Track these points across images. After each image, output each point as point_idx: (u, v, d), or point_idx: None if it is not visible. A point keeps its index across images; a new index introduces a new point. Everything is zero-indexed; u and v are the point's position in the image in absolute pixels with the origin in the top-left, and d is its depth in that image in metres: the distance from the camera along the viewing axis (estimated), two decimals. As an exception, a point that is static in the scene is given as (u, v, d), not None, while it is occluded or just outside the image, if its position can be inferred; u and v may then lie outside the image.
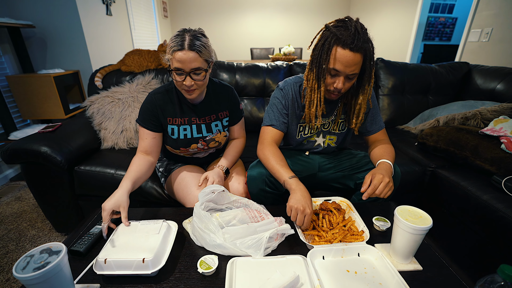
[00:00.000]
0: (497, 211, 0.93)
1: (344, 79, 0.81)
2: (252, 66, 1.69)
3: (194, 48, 0.80)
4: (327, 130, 1.02)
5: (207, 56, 0.85)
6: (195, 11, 5.02)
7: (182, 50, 0.80)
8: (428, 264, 0.64)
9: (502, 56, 2.14)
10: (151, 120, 0.94)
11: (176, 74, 0.84)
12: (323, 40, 0.80)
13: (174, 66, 0.82)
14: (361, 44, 0.74)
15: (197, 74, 0.84)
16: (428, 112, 1.66)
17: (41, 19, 2.01)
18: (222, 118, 1.03)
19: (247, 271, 0.60)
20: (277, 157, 0.88)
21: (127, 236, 0.68)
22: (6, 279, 1.13)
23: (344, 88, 0.83)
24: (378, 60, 1.79)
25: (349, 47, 0.75)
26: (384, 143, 0.96)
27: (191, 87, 0.85)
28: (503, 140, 1.11)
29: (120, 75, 1.60)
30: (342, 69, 0.78)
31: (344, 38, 0.75)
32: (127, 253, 0.61)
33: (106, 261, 0.59)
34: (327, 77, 0.83)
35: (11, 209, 1.62)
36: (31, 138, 1.17)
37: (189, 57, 0.80)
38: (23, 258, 0.47)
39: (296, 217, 0.73)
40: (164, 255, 0.63)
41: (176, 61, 0.81)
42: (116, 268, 0.59)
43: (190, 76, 0.83)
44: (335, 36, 0.76)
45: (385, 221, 0.77)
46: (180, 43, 0.80)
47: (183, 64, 0.81)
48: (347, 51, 0.75)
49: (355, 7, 4.97)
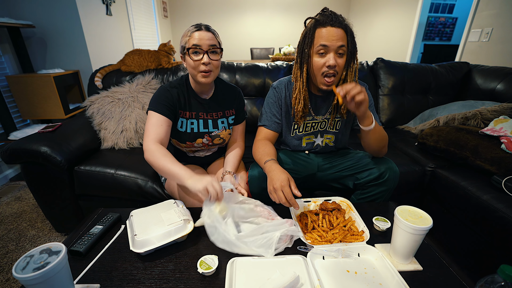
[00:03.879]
0: (497, 211, 0.93)
1: (334, 54, 0.82)
2: (252, 66, 1.69)
3: (210, 30, 0.88)
4: (324, 129, 1.02)
5: (219, 40, 0.91)
6: (195, 11, 5.02)
7: (200, 30, 0.86)
8: (428, 264, 0.64)
9: (502, 56, 2.14)
10: (169, 107, 0.91)
11: (193, 54, 0.87)
12: (304, 32, 0.86)
13: (192, 44, 0.85)
14: (340, 20, 0.81)
15: (213, 53, 0.88)
16: (428, 112, 1.66)
17: (41, 19, 2.01)
18: (228, 116, 1.04)
19: (247, 271, 0.60)
20: (262, 147, 0.91)
21: (146, 219, 0.72)
22: (6, 279, 1.13)
23: (338, 65, 0.83)
24: (378, 60, 1.79)
25: (329, 24, 0.81)
26: None
27: (208, 66, 0.87)
28: (503, 140, 1.11)
29: (120, 75, 1.60)
30: (329, 43, 0.81)
31: (323, 19, 0.82)
32: (158, 227, 0.68)
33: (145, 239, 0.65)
34: (315, 60, 0.84)
35: (11, 209, 1.62)
36: (31, 138, 1.17)
37: (207, 35, 0.86)
38: (23, 258, 0.47)
39: (277, 198, 0.73)
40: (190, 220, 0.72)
41: (194, 39, 0.85)
42: (157, 240, 0.66)
43: (207, 54, 0.86)
44: (315, 21, 0.84)
45: (385, 221, 0.77)
46: (197, 26, 0.87)
47: (201, 41, 0.85)
48: (328, 27, 0.81)
49: (355, 7, 4.97)
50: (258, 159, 0.90)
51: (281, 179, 0.74)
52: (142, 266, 0.64)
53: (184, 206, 0.79)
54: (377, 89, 1.76)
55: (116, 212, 0.83)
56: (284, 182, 0.73)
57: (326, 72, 0.84)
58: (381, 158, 0.96)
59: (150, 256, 0.67)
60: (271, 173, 0.78)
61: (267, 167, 0.82)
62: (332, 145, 1.05)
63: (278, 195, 0.73)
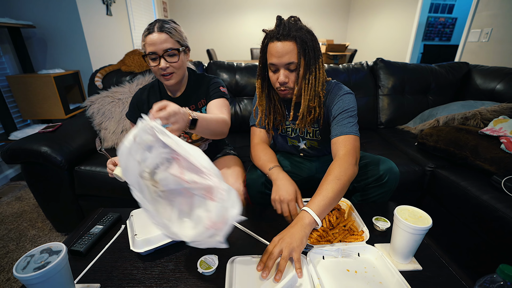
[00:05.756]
0: (497, 211, 0.93)
1: (284, 70, 0.80)
2: (252, 66, 1.69)
3: (164, 30, 0.82)
4: (302, 136, 1.00)
5: (178, 38, 0.86)
6: (195, 11, 5.02)
7: (152, 33, 0.82)
8: (428, 264, 0.64)
9: (502, 56, 2.14)
10: (134, 113, 0.99)
11: (150, 60, 0.85)
12: (261, 44, 0.84)
13: (147, 51, 0.84)
14: (287, 32, 0.75)
15: (171, 55, 0.84)
16: (428, 112, 1.67)
17: (41, 19, 2.01)
18: (201, 107, 1.00)
19: (247, 271, 0.60)
20: (263, 153, 0.89)
21: (146, 219, 0.71)
22: (6, 279, 1.13)
23: (290, 80, 0.81)
24: (378, 60, 1.79)
25: (276, 37, 0.77)
26: (335, 160, 0.77)
27: (167, 69, 0.85)
28: (502, 140, 1.11)
29: (120, 75, 1.60)
30: (276, 61, 0.78)
31: (271, 33, 0.78)
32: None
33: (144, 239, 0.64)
34: (270, 75, 0.84)
35: (12, 209, 1.62)
36: (31, 138, 1.18)
37: (160, 38, 0.82)
38: (24, 258, 0.47)
39: (281, 209, 0.73)
40: None
41: (148, 45, 0.83)
42: (157, 240, 0.65)
43: (164, 58, 0.84)
44: (266, 35, 0.81)
45: (385, 221, 0.77)
46: (150, 28, 0.83)
47: (155, 46, 0.82)
48: (275, 42, 0.77)
49: (355, 7, 4.97)
50: (260, 165, 0.88)
51: (290, 191, 0.73)
52: (142, 266, 0.64)
53: None
54: (377, 89, 1.77)
55: (117, 212, 0.84)
56: (292, 196, 0.72)
57: (279, 88, 0.84)
58: (381, 159, 0.95)
59: (150, 256, 0.67)
60: (278, 182, 0.76)
61: (273, 174, 0.80)
62: (320, 148, 1.02)
63: (283, 207, 0.72)
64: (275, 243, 0.60)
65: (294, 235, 0.60)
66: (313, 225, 0.65)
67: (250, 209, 0.88)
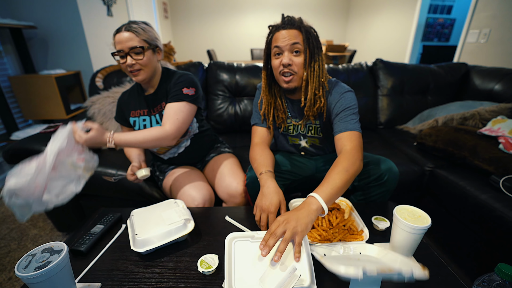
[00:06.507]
0: (495, 211, 0.94)
1: (289, 53, 0.81)
2: (252, 66, 1.70)
3: (130, 29, 0.87)
4: (304, 133, 1.00)
5: (145, 37, 0.89)
6: (195, 11, 5.04)
7: (119, 32, 0.88)
8: (427, 263, 0.64)
9: (500, 57, 2.15)
10: (119, 115, 1.08)
11: (119, 58, 0.90)
12: (266, 38, 0.86)
13: (116, 48, 0.89)
14: (292, 22, 0.80)
15: (137, 53, 0.88)
16: (427, 113, 1.67)
17: (43, 20, 2.02)
18: (160, 110, 0.99)
19: (246, 250, 0.60)
20: (259, 154, 0.89)
21: (146, 218, 0.73)
22: (8, 278, 1.14)
23: (294, 63, 0.81)
24: (377, 60, 1.80)
25: (282, 27, 0.81)
26: (342, 154, 0.78)
27: (133, 66, 0.89)
28: (501, 140, 1.12)
29: (121, 75, 1.60)
30: (281, 43, 0.81)
31: (277, 25, 0.83)
32: (159, 226, 0.68)
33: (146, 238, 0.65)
34: (273, 62, 0.85)
35: (12, 209, 1.62)
36: (33, 138, 1.18)
37: (125, 36, 0.87)
38: (25, 257, 0.47)
39: (259, 216, 0.72)
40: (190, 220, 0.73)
41: (116, 43, 0.88)
42: (158, 240, 0.66)
43: (130, 55, 0.88)
44: (271, 28, 0.85)
45: (384, 221, 0.77)
46: (119, 28, 0.89)
47: (121, 44, 0.87)
48: (281, 31, 0.81)
49: (355, 7, 4.98)
50: (254, 168, 0.88)
51: (273, 202, 0.71)
52: (143, 265, 0.64)
53: (184, 206, 0.79)
54: (376, 90, 1.77)
55: (117, 211, 0.84)
56: (273, 208, 0.70)
57: (282, 71, 0.84)
58: (381, 158, 0.95)
59: (151, 255, 0.67)
60: (265, 189, 0.75)
61: (262, 180, 0.79)
62: (321, 146, 1.02)
63: (262, 217, 0.71)
64: (279, 223, 0.60)
65: (300, 219, 0.60)
66: (319, 211, 0.64)
67: (250, 209, 0.88)
